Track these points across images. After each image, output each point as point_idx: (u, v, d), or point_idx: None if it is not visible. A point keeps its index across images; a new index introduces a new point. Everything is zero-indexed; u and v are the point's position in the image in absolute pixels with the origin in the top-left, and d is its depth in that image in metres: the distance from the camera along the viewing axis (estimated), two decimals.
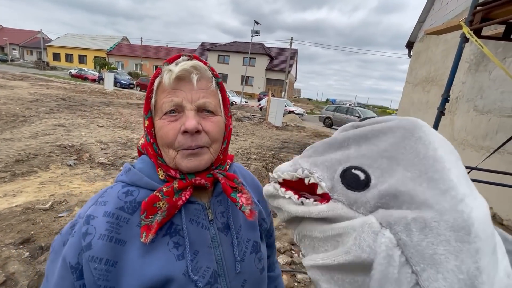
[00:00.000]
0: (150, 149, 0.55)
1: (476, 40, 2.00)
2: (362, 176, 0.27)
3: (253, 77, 33.20)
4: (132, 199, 0.51)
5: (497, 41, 3.35)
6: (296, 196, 0.31)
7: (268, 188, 0.34)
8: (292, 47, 28.70)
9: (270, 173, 0.36)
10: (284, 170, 0.32)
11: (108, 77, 16.80)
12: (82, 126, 5.78)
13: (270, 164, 4.87)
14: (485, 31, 2.33)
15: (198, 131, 0.50)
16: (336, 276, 0.26)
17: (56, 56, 43.58)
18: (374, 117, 0.30)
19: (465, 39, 2.14)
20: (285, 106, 15.01)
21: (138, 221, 0.49)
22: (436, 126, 2.34)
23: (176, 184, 0.51)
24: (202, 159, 0.52)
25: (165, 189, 0.50)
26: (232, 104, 18.34)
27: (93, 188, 2.99)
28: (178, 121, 0.50)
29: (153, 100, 0.53)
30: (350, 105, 16.68)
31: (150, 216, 0.48)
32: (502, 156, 3.44)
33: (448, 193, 0.21)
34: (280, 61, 32.81)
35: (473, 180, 2.16)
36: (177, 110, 0.51)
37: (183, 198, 0.51)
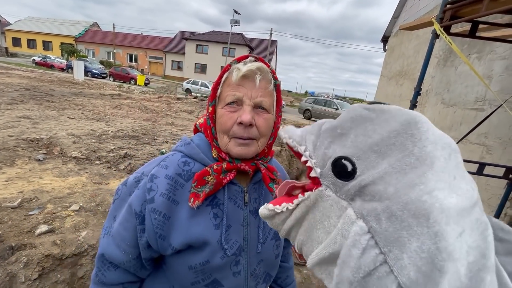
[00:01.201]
0: (208, 131, 0.63)
1: (445, 37, 2.13)
2: (349, 167, 0.29)
3: None
4: (188, 169, 0.61)
5: (463, 38, 3.58)
6: (290, 203, 0.33)
7: (263, 212, 0.36)
8: (272, 39, 28.57)
9: (281, 131, 0.37)
10: (293, 137, 0.34)
11: (78, 66, 15.70)
12: (50, 118, 5.40)
13: None
14: (454, 29, 2.48)
15: (251, 124, 0.58)
16: (332, 269, 0.28)
17: (16, 42, 39.69)
18: (382, 103, 0.30)
19: (436, 36, 2.27)
20: None
21: (189, 188, 0.59)
22: None
23: (225, 165, 0.60)
24: (250, 149, 0.60)
25: (215, 166, 0.59)
26: None
27: (67, 184, 2.84)
28: (236, 113, 0.59)
29: (219, 91, 0.61)
30: (328, 97, 17.08)
31: (199, 186, 0.57)
32: (465, 145, 3.74)
33: (418, 186, 0.24)
34: (260, 52, 32.56)
35: None
36: (237, 103, 0.59)
37: (228, 178, 0.60)
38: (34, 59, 23.97)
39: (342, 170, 0.29)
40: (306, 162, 0.32)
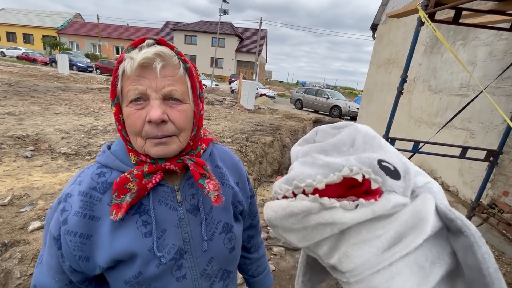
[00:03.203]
0: (120, 135, 0.56)
1: (430, 24, 2.17)
2: (391, 166, 0.30)
3: (223, 58, 32.22)
4: (104, 180, 0.55)
5: (449, 25, 3.64)
6: (348, 202, 0.27)
7: (300, 205, 0.26)
8: (262, 28, 28.16)
9: (282, 187, 0.29)
10: (320, 177, 0.27)
11: (62, 59, 15.17)
12: (36, 114, 5.26)
13: (244, 147, 4.92)
14: (439, 15, 2.52)
15: (164, 121, 0.50)
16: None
17: None
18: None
19: (421, 23, 2.30)
20: (257, 89, 14.96)
21: (109, 200, 0.54)
22: (395, 105, 2.54)
23: (146, 168, 0.53)
24: (171, 148, 0.53)
25: (135, 172, 0.53)
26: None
27: (57, 180, 2.82)
28: (144, 110, 0.50)
29: (119, 86, 0.52)
30: (319, 87, 17.10)
31: (121, 196, 0.52)
32: (450, 130, 3.86)
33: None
34: (250, 42, 32.10)
35: (425, 153, 2.39)
36: (142, 98, 0.50)
37: (153, 181, 0.54)
38: (2, 52, 23.38)
39: (390, 171, 0.30)
40: (367, 180, 0.27)
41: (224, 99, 11.72)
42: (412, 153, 2.53)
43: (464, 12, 2.33)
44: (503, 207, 2.97)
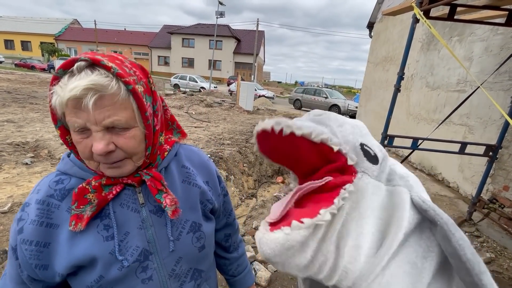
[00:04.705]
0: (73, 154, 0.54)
1: (425, 21, 2.17)
2: (372, 152, 0.32)
3: (221, 61, 32.28)
4: (62, 187, 0.54)
5: (445, 22, 3.65)
6: (332, 206, 0.27)
7: (299, 236, 0.25)
8: (259, 29, 28.23)
9: (273, 121, 0.28)
10: (300, 126, 0.28)
11: None
12: (35, 121, 5.27)
13: (244, 148, 4.92)
14: (434, 12, 2.52)
15: (111, 151, 0.48)
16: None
17: None
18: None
19: (416, 20, 2.31)
20: (255, 90, 14.97)
21: (67, 207, 0.53)
22: (393, 103, 2.54)
23: (104, 181, 0.53)
24: (125, 169, 0.52)
25: (93, 182, 0.52)
26: (200, 90, 17.80)
27: None
28: (90, 138, 0.48)
29: (58, 112, 0.47)
30: (317, 86, 17.13)
31: (81, 206, 0.51)
32: (449, 126, 3.86)
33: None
34: (248, 43, 32.17)
35: (424, 150, 2.40)
36: (85, 128, 0.47)
37: (114, 192, 0.54)
38: None
39: (370, 155, 0.31)
40: (337, 153, 0.28)
41: (222, 101, 11.73)
42: (411, 150, 2.53)
43: (459, 8, 2.34)
44: (503, 202, 2.97)
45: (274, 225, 0.27)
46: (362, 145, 0.31)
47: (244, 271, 0.85)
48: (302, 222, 0.25)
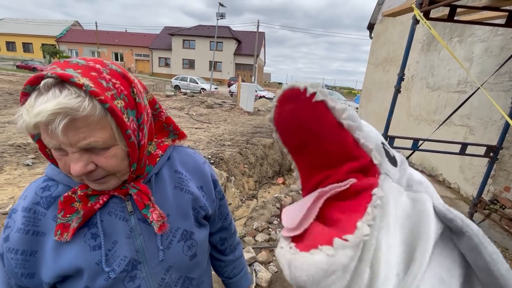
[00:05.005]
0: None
1: (425, 22, 2.18)
2: (391, 153, 0.29)
3: (221, 62, 32.34)
4: (48, 194, 0.52)
5: (445, 23, 3.66)
6: (367, 215, 0.22)
7: (345, 258, 0.20)
8: (260, 30, 28.30)
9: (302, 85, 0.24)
10: (343, 106, 0.24)
11: None
12: None
13: (244, 149, 4.93)
14: (434, 13, 2.53)
15: (91, 171, 0.45)
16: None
17: None
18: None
19: (416, 21, 2.31)
20: (256, 91, 14.99)
21: (53, 215, 0.51)
22: (393, 104, 2.55)
23: (90, 191, 0.50)
24: (110, 184, 0.50)
25: (79, 192, 0.50)
26: (200, 91, 17.84)
27: None
28: (69, 157, 0.44)
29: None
30: None
31: (68, 215, 0.49)
32: (450, 127, 3.86)
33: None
34: (248, 45, 32.24)
35: (425, 150, 2.39)
36: (61, 149, 0.43)
37: (101, 202, 0.52)
38: None
39: (390, 156, 0.28)
40: (360, 148, 0.25)
41: (223, 102, 11.76)
42: (412, 151, 2.53)
43: (459, 9, 2.34)
44: (505, 203, 2.96)
45: (299, 240, 0.23)
46: (383, 144, 0.28)
47: (240, 273, 0.84)
48: (346, 240, 0.20)
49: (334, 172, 0.26)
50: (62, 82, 0.40)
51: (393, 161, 0.28)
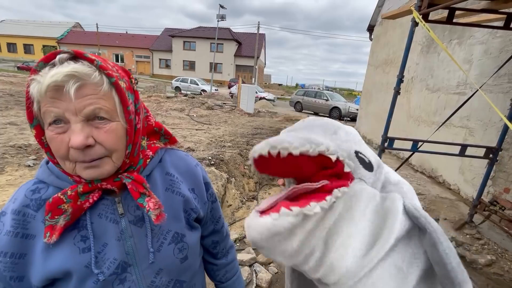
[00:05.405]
0: (47, 157, 0.52)
1: (424, 24, 2.20)
2: (366, 159, 0.33)
3: (222, 63, 32.41)
4: (38, 196, 0.53)
5: (444, 25, 3.68)
6: (327, 199, 0.27)
7: (286, 222, 0.26)
8: (260, 32, 28.38)
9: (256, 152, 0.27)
10: (296, 144, 0.27)
11: None
12: None
13: (244, 150, 4.94)
14: (432, 16, 2.55)
15: (89, 145, 0.46)
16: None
17: None
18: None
19: (415, 23, 2.33)
20: (256, 93, 15.02)
21: (43, 218, 0.50)
22: (393, 105, 2.56)
23: (80, 189, 0.50)
24: (104, 169, 0.49)
25: (69, 192, 0.49)
26: (201, 92, 17.87)
27: None
28: (67, 133, 0.45)
29: (35, 107, 0.46)
30: (318, 89, 17.16)
31: (56, 217, 0.49)
32: (449, 129, 3.87)
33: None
34: (249, 46, 32.32)
35: (425, 152, 2.40)
36: (62, 120, 0.45)
37: (91, 200, 0.51)
38: None
39: (364, 162, 0.32)
40: (335, 161, 0.29)
41: (223, 103, 11.78)
42: (411, 152, 2.54)
43: (457, 12, 2.36)
44: (504, 204, 2.97)
45: (263, 212, 0.28)
46: (356, 152, 0.32)
47: (233, 278, 0.83)
48: (290, 210, 0.26)
49: (314, 178, 0.31)
50: (76, 57, 0.46)
51: (368, 166, 0.32)
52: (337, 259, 0.27)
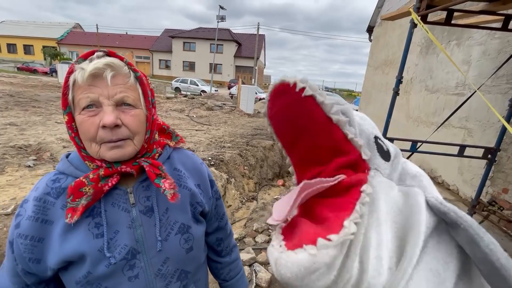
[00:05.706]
0: (73, 142, 0.58)
1: (422, 26, 2.21)
2: (385, 147, 0.28)
3: (221, 64, 32.44)
4: (58, 185, 0.58)
5: (443, 26, 3.69)
6: (355, 214, 0.22)
7: (327, 257, 0.21)
8: (260, 33, 28.43)
9: (297, 82, 0.24)
10: (332, 100, 0.24)
11: (63, 69, 15.23)
12: (37, 124, 5.31)
13: (244, 151, 4.95)
14: (431, 17, 2.56)
15: (117, 125, 0.53)
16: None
17: None
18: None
19: (414, 25, 2.35)
20: (256, 93, 15.03)
21: (62, 204, 0.56)
22: (392, 106, 2.57)
23: (102, 172, 0.55)
24: (126, 151, 0.55)
25: (91, 175, 0.55)
26: (201, 93, 17.88)
27: None
28: (98, 116, 0.52)
29: (70, 96, 0.54)
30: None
31: (77, 200, 0.53)
32: (448, 129, 3.88)
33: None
34: (248, 47, 32.36)
35: (424, 152, 2.41)
36: (95, 105, 0.53)
37: (110, 184, 0.56)
38: None
39: (382, 150, 0.28)
40: (349, 143, 0.25)
41: (223, 104, 11.79)
42: (410, 153, 2.55)
43: (456, 13, 2.38)
44: (503, 204, 2.98)
45: (289, 239, 0.23)
46: (376, 138, 0.28)
47: (237, 276, 0.85)
48: (329, 240, 0.21)
49: (325, 168, 0.27)
50: (109, 55, 0.56)
51: (385, 155, 0.28)
52: (373, 277, 0.23)
